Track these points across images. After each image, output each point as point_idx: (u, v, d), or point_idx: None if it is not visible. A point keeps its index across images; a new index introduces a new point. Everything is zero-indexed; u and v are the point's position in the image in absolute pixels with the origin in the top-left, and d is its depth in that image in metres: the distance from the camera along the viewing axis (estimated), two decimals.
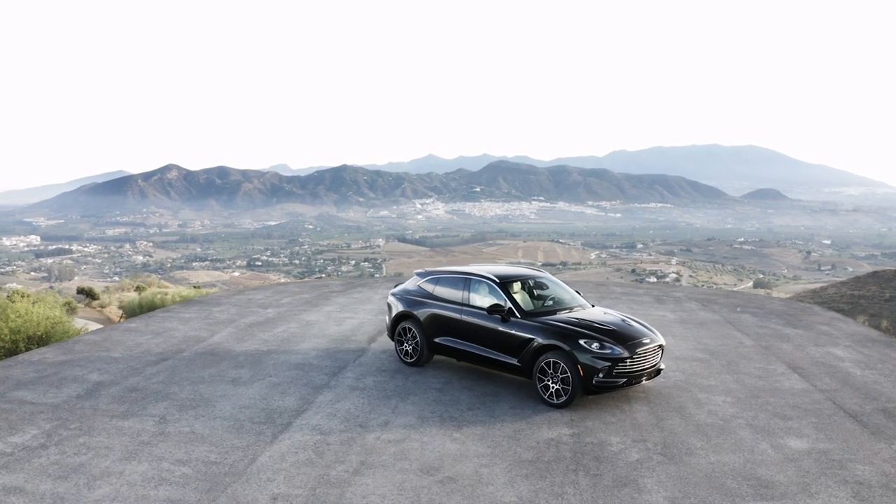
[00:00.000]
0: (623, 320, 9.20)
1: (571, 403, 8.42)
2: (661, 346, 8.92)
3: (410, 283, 10.80)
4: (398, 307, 10.57)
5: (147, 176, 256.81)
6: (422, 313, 10.16)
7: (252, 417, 8.02)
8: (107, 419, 7.92)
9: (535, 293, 9.91)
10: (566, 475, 6.54)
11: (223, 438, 7.38)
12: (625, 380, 8.40)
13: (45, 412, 8.12)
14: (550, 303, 9.76)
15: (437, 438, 7.44)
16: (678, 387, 9.35)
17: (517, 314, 9.06)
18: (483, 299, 9.53)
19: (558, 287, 10.22)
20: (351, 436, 7.49)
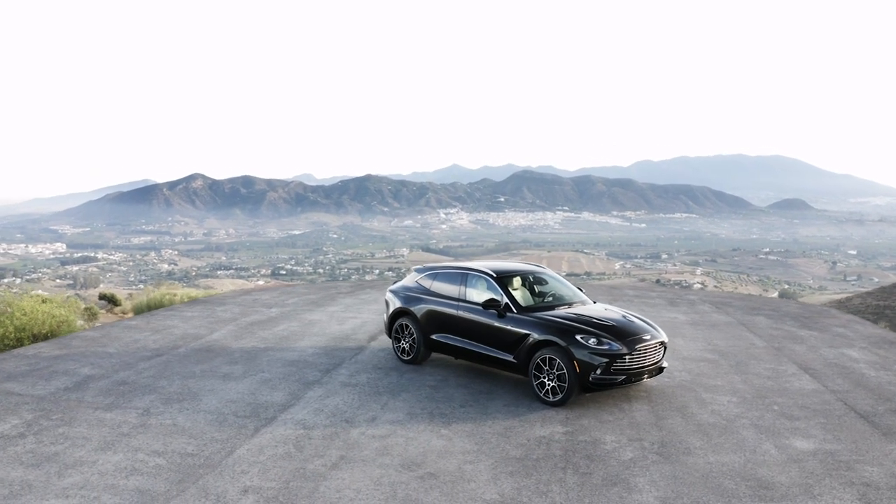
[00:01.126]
0: (624, 316, 8.86)
1: (568, 401, 8.09)
2: (663, 343, 8.56)
3: (409, 280, 10.57)
4: (395, 304, 10.33)
5: (172, 185, 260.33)
6: (419, 310, 9.91)
7: (237, 411, 7.83)
8: (90, 411, 7.78)
9: (535, 289, 9.62)
10: (554, 473, 6.23)
11: (204, 431, 7.18)
12: (624, 377, 8.06)
13: (30, 403, 8.01)
14: (550, 299, 9.45)
15: (423, 434, 7.17)
16: (682, 386, 8.96)
17: (513, 309, 8.78)
18: (480, 294, 9.25)
19: (559, 283, 9.91)
20: (335, 431, 7.25)
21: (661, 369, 8.62)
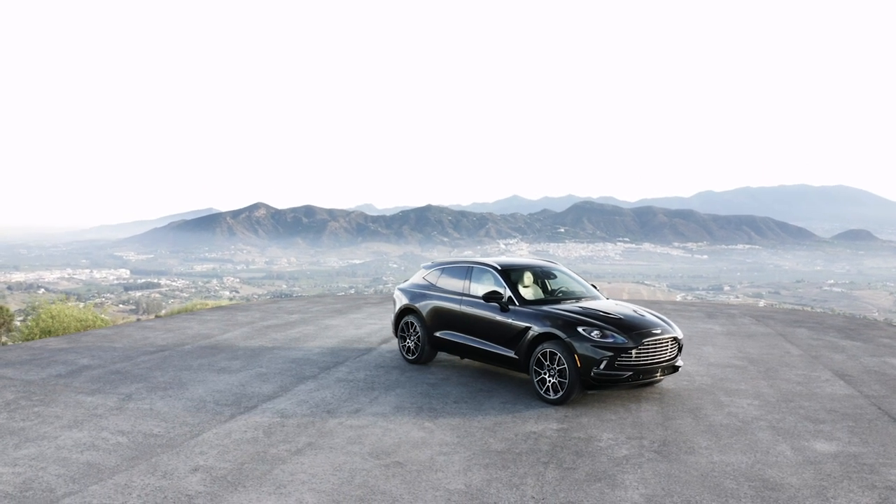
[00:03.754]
0: (634, 311, 8.20)
1: (569, 399, 7.47)
2: (676, 340, 7.85)
3: (417, 276, 10.16)
4: (402, 301, 9.93)
5: (236, 214, 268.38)
6: (423, 306, 9.48)
7: (219, 400, 7.53)
8: (72, 394, 7.63)
9: (544, 284, 9.05)
10: (533, 467, 5.65)
11: (178, 415, 6.91)
12: (630, 373, 7.38)
13: (17, 386, 7.94)
14: (560, 294, 8.88)
15: (404, 427, 6.69)
16: (701, 390, 8.21)
17: (516, 302, 8.25)
18: (484, 288, 8.75)
19: (569, 278, 9.32)
20: (312, 420, 6.85)
21: (675, 368, 7.91)
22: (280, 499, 4.93)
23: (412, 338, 9.61)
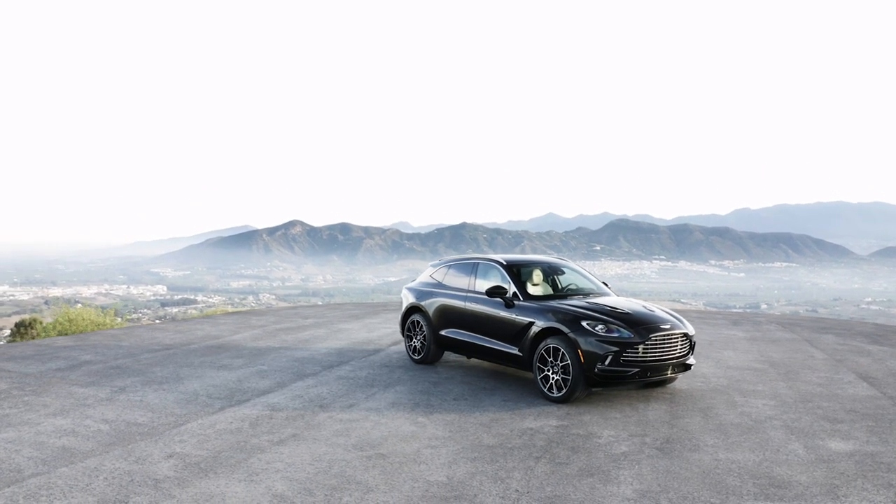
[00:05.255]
0: (644, 307, 7.84)
1: (573, 397, 7.11)
2: (686, 336, 7.44)
3: (424, 274, 9.92)
4: (409, 299, 9.69)
5: (272, 231, 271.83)
6: (429, 304, 9.23)
7: (212, 394, 7.37)
8: (66, 386, 7.56)
9: (552, 280, 8.72)
10: (523, 461, 5.33)
11: (166, 407, 6.76)
12: (637, 370, 6.99)
13: (14, 378, 7.91)
14: (568, 291, 8.55)
15: (396, 421, 6.44)
16: (715, 390, 7.78)
17: (521, 298, 7.94)
18: (489, 284, 8.46)
19: (579, 275, 8.98)
20: (302, 413, 6.64)
21: (687, 366, 7.50)
22: (249, 486, 4.72)
23: (418, 337, 9.36)
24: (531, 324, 7.58)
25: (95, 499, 4.45)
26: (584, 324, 7.13)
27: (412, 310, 9.58)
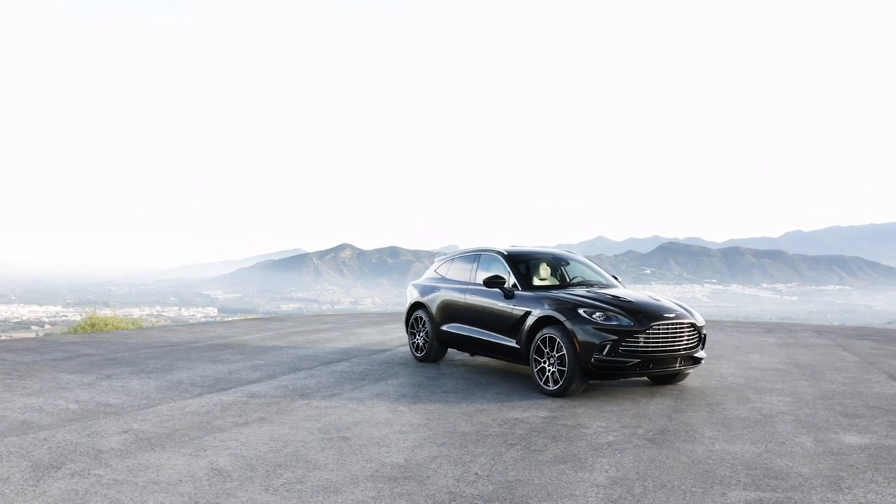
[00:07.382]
0: (650, 296, 7.35)
1: (569, 390, 6.64)
2: (694, 326, 6.90)
3: (430, 270, 9.61)
4: (413, 296, 9.38)
5: (322, 254, 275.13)
6: (432, 299, 8.90)
7: (197, 382, 7.17)
8: (54, 373, 7.48)
9: (558, 272, 8.26)
10: (494, 447, 4.92)
11: (144, 392, 6.59)
12: (637, 360, 6.49)
13: (6, 365, 7.91)
14: (573, 282, 8.10)
15: (374, 409, 6.10)
16: (729, 388, 7.19)
17: (520, 287, 7.54)
18: (489, 276, 8.08)
19: (586, 267, 8.52)
20: (279, 400, 6.37)
21: (696, 360, 6.96)
22: (192, 459, 4.44)
23: (421, 334, 9.03)
24: (528, 313, 7.17)
25: (30, 464, 4.26)
26: (580, 311, 6.69)
27: (415, 306, 9.26)
